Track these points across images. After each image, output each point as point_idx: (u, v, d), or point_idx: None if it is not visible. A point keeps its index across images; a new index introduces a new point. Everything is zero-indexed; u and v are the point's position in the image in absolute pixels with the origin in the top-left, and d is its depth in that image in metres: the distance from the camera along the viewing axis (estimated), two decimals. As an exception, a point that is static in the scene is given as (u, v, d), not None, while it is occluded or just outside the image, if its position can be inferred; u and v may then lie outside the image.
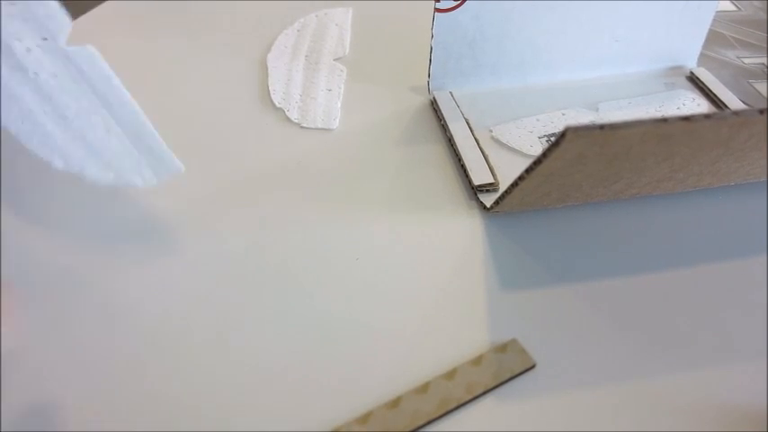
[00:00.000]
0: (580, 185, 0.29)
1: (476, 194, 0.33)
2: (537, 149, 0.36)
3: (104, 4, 0.49)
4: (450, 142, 0.36)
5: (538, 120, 0.39)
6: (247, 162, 0.35)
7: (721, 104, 0.40)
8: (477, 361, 0.26)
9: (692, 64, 0.44)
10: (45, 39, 0.24)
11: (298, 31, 0.46)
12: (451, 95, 0.40)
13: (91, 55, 0.25)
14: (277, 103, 0.39)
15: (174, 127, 0.37)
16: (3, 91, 0.25)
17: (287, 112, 0.39)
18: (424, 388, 0.25)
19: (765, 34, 0.49)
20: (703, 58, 0.44)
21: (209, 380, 0.25)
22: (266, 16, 0.48)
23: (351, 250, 0.30)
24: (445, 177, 0.35)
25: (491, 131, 0.38)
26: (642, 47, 0.42)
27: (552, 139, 0.32)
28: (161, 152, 0.27)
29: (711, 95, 0.41)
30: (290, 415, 0.24)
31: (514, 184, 0.27)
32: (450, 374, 0.25)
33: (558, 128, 0.38)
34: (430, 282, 0.29)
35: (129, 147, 0.27)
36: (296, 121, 0.38)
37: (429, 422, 0.24)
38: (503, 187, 0.33)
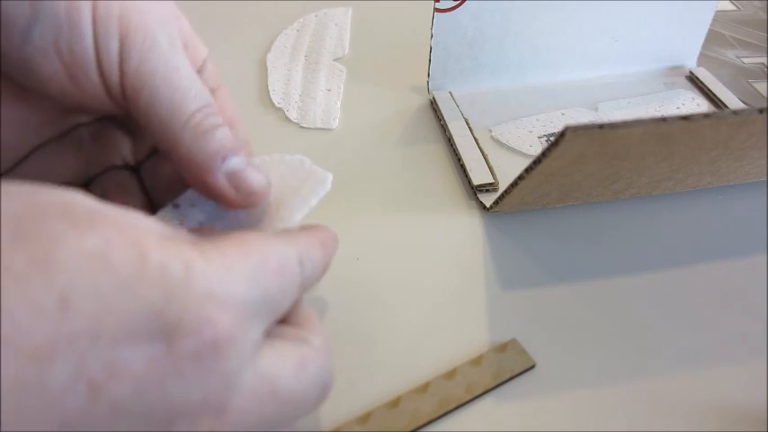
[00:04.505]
0: (580, 185, 0.29)
1: (475, 194, 0.33)
2: (537, 149, 0.36)
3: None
4: (450, 142, 0.36)
5: (537, 120, 0.39)
6: (247, 162, 0.35)
7: (721, 104, 0.40)
8: (477, 361, 0.26)
9: (691, 64, 0.44)
10: None
11: (297, 31, 0.46)
12: (451, 95, 0.40)
13: None
14: (276, 103, 0.39)
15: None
16: None
17: (286, 112, 0.39)
18: (423, 388, 0.25)
19: (765, 34, 0.49)
20: (703, 58, 0.44)
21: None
22: (266, 16, 0.48)
23: (351, 250, 0.30)
24: (445, 177, 0.35)
25: (491, 131, 0.37)
26: (642, 47, 0.42)
27: (552, 138, 0.32)
28: None
29: (711, 95, 0.41)
30: (289, 415, 0.24)
31: (514, 184, 0.27)
32: (450, 374, 0.25)
33: (558, 128, 0.38)
34: (430, 282, 0.29)
35: None
36: (295, 121, 0.38)
37: (429, 422, 0.24)
38: (502, 187, 0.33)
